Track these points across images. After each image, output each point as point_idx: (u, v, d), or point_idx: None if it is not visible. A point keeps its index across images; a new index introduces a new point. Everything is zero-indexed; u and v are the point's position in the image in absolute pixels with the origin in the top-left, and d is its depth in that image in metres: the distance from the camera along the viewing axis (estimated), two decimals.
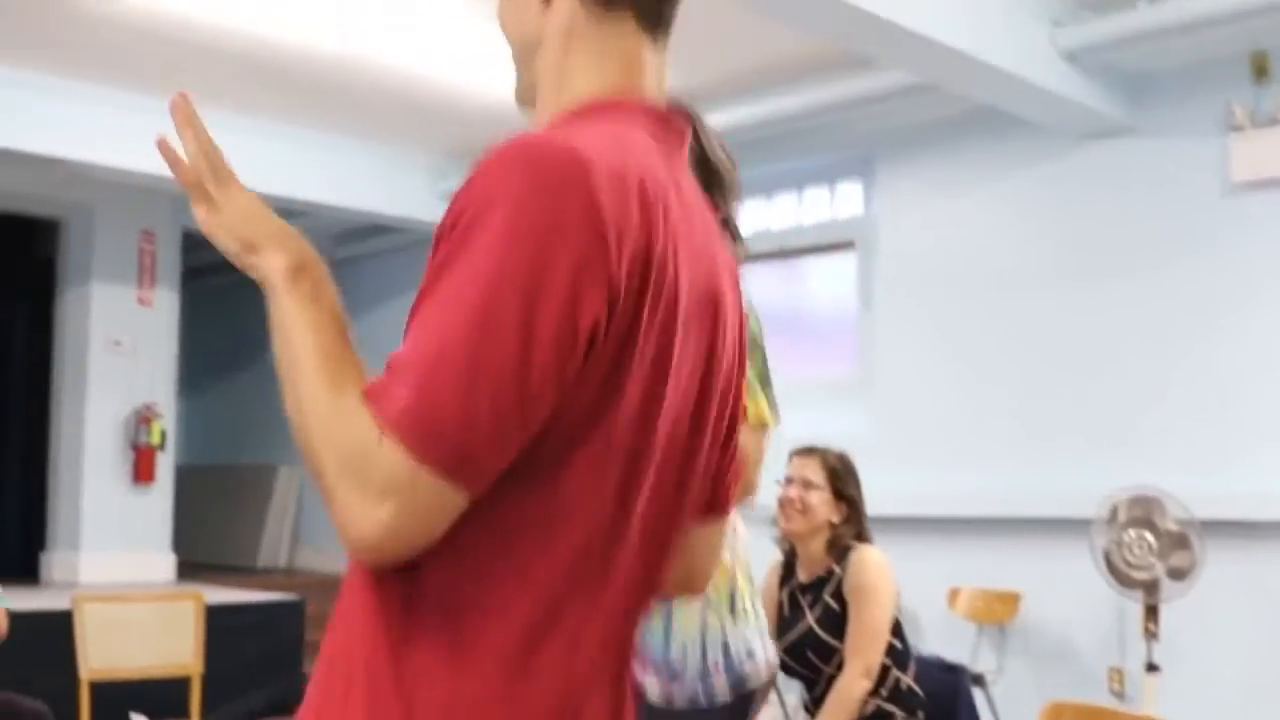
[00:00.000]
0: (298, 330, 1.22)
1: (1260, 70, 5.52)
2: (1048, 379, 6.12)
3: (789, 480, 4.01)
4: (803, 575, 4.01)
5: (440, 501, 1.13)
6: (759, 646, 2.72)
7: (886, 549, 3.99)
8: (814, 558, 3.97)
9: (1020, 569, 5.96)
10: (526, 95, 1.47)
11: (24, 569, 8.61)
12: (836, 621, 3.83)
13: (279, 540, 10.38)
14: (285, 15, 5.70)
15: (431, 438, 1.11)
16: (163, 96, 6.71)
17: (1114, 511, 5.27)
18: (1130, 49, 5.58)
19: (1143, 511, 5.21)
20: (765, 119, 6.53)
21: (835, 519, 3.95)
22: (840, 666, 3.79)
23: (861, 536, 3.97)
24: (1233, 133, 5.56)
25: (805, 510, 3.94)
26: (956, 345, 6.41)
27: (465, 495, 1.14)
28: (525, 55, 1.44)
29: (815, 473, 3.98)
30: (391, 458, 1.11)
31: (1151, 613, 5.23)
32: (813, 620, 3.86)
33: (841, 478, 4.00)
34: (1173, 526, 5.15)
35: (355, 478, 1.12)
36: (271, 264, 1.28)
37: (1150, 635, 5.22)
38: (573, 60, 1.39)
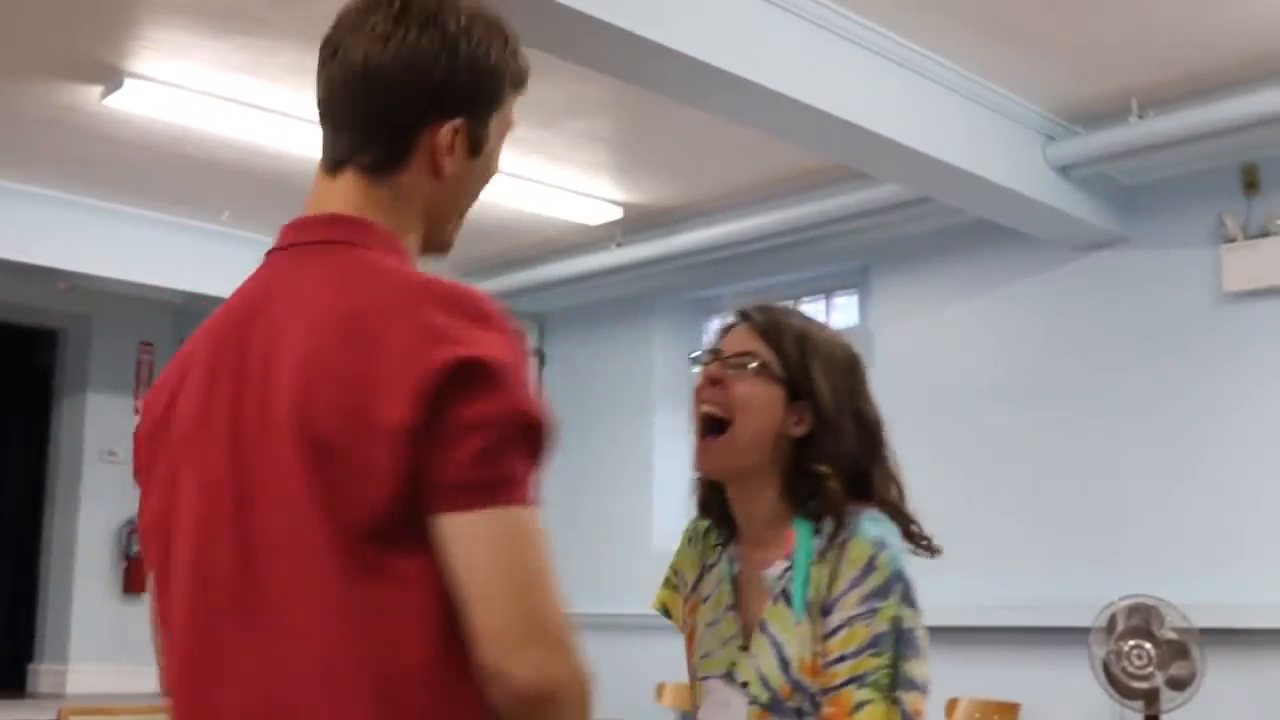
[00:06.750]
0: None
1: (1250, 183, 5.58)
2: (1042, 489, 6.09)
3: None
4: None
5: None
6: None
7: None
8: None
9: (1019, 679, 5.88)
10: None
11: (11, 681, 8.50)
12: None
13: None
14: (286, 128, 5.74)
15: None
16: (161, 210, 6.71)
17: (1112, 620, 5.22)
18: (1122, 162, 5.64)
19: (1141, 620, 5.16)
20: (764, 232, 6.61)
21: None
22: None
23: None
24: (1224, 244, 5.60)
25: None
26: (951, 456, 6.36)
27: None
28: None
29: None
30: None
31: None
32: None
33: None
34: (1171, 635, 5.10)
35: None
36: None
37: None
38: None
